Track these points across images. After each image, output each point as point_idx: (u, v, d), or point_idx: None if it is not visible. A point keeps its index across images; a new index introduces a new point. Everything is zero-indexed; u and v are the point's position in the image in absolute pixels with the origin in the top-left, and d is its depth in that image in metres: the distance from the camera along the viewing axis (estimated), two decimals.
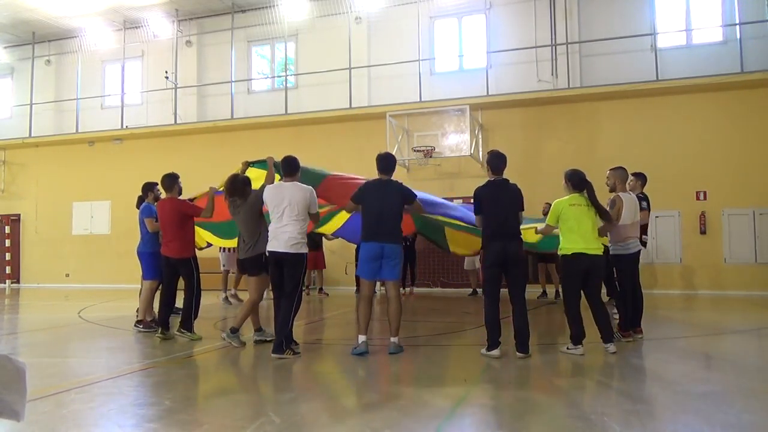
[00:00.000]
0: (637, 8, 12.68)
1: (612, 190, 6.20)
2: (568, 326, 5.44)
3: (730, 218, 11.60)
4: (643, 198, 7.16)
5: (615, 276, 6.17)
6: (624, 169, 6.29)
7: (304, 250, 5.53)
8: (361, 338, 5.39)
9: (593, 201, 5.41)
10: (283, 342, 5.30)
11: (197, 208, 6.58)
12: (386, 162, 5.65)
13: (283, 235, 5.42)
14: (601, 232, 5.72)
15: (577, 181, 5.49)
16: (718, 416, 3.51)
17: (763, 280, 11.12)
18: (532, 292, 5.87)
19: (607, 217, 5.47)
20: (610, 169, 6.29)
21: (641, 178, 7.53)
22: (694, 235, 11.74)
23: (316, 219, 5.66)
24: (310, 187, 5.60)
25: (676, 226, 11.82)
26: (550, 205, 5.79)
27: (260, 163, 6.55)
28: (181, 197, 6.70)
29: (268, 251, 5.58)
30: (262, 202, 5.75)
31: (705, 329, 7.23)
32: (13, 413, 1.32)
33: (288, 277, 5.47)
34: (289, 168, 5.63)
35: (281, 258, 5.48)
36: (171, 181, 6.64)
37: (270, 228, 5.59)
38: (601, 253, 5.46)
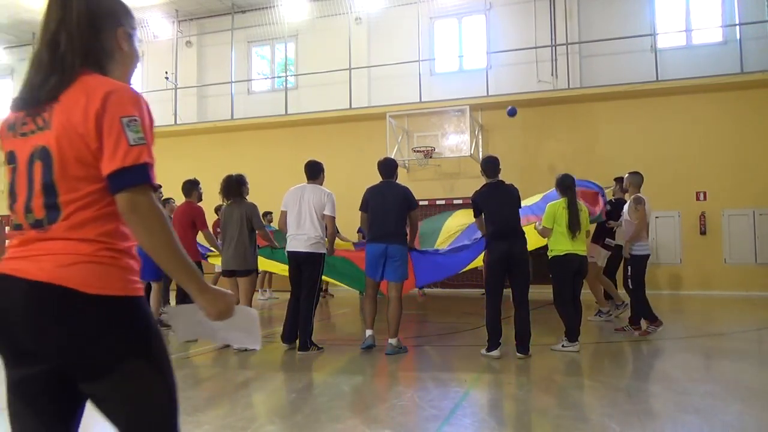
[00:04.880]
0: (637, 9, 12.68)
1: (624, 192, 6.63)
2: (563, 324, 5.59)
3: (730, 219, 11.60)
4: (611, 204, 7.40)
5: (630, 275, 6.25)
6: (639, 173, 6.62)
7: (322, 249, 5.71)
8: (368, 332, 5.65)
9: (570, 207, 5.58)
10: (308, 341, 5.66)
11: (204, 224, 6.60)
12: (385, 167, 5.89)
13: (302, 236, 5.62)
14: (632, 236, 6.15)
15: (563, 187, 5.75)
16: (718, 416, 3.51)
17: (763, 280, 11.12)
18: (534, 292, 5.87)
19: (574, 228, 5.54)
20: (628, 173, 6.69)
21: (621, 182, 7.67)
22: (694, 235, 11.73)
23: (330, 223, 5.74)
24: (330, 191, 5.78)
25: (676, 227, 11.83)
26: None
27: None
28: (200, 203, 6.77)
29: (288, 251, 5.75)
30: (258, 217, 6.03)
31: (705, 329, 7.22)
32: (254, 343, 1.69)
33: (306, 276, 5.67)
34: (312, 171, 5.89)
35: (300, 257, 5.65)
36: (190, 186, 6.74)
37: (289, 229, 5.74)
38: (586, 255, 5.73)
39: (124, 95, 1.36)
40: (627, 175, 6.68)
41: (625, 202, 7.49)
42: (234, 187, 6.06)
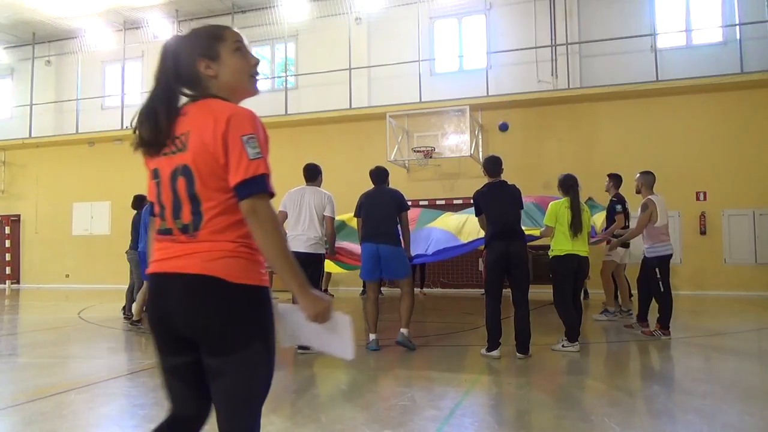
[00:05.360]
0: (637, 9, 12.68)
1: (637, 193, 6.56)
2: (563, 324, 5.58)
3: (730, 219, 11.60)
4: (617, 201, 7.33)
5: (658, 277, 6.28)
6: (650, 173, 6.57)
7: (322, 250, 5.81)
8: (372, 336, 5.76)
9: (572, 207, 5.58)
10: None
11: None
12: (377, 174, 6.10)
13: (302, 236, 5.69)
14: (626, 237, 6.35)
15: (565, 187, 5.74)
16: (718, 416, 3.51)
17: (763, 280, 11.12)
18: (534, 293, 5.87)
19: (576, 228, 5.53)
20: (639, 173, 6.62)
21: (614, 179, 7.63)
22: (694, 235, 11.74)
23: (330, 223, 5.83)
24: (330, 193, 5.90)
25: (676, 227, 11.80)
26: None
27: None
28: None
29: None
30: None
31: (705, 329, 7.23)
32: (346, 353, 1.76)
33: (306, 277, 5.62)
34: (310, 174, 6.02)
35: (300, 257, 5.62)
36: None
37: (288, 230, 5.80)
38: (588, 256, 5.70)
39: (243, 117, 1.63)
40: (638, 175, 6.59)
41: (620, 198, 7.49)
42: None
